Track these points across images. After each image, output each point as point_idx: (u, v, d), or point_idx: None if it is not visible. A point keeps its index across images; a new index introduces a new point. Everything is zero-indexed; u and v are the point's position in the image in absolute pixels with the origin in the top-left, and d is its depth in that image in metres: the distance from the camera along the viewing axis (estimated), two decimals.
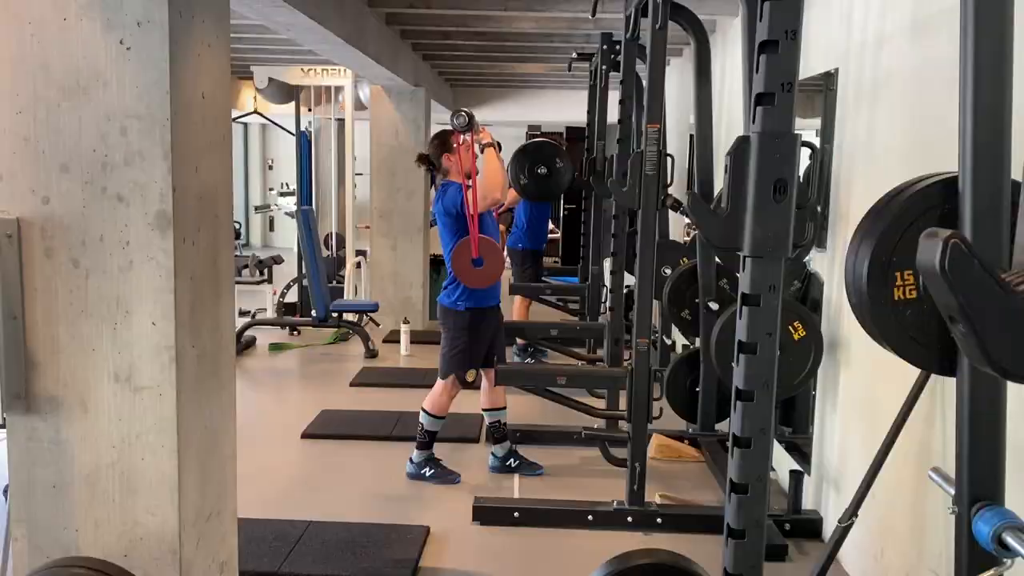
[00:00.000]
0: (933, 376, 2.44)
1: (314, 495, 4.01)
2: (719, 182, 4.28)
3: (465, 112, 3.88)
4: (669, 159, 3.48)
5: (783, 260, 1.75)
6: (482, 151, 4.01)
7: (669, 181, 3.52)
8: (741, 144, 1.72)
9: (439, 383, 4.13)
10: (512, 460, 4.33)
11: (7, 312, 2.32)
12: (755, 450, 1.78)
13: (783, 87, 1.69)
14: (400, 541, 3.47)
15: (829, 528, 3.53)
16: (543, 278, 7.11)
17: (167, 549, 2.44)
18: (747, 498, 1.80)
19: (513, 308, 6.77)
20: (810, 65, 3.85)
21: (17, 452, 2.44)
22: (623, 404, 4.19)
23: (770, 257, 1.73)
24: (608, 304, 4.63)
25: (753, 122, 1.72)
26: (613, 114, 5.01)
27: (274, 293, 8.11)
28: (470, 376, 4.09)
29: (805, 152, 2.47)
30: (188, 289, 2.43)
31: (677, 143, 6.97)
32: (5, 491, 3.85)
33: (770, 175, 1.69)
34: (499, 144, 4.11)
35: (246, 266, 8.52)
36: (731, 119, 5.40)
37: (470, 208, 3.85)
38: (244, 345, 7.06)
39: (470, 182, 3.88)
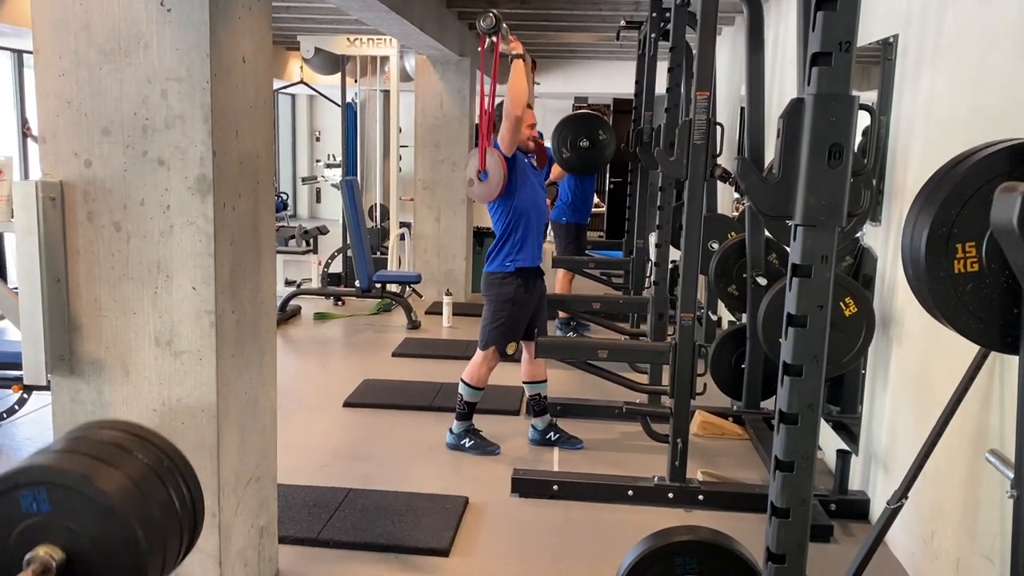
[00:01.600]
0: (992, 354, 2.33)
1: (354, 463, 4.02)
2: (769, 154, 4.16)
3: (493, 13, 3.70)
4: (718, 128, 3.37)
5: (836, 230, 1.67)
6: (511, 62, 3.90)
7: (718, 151, 3.41)
8: (795, 106, 1.63)
9: (479, 354, 4.11)
10: (552, 433, 4.30)
11: (51, 275, 2.33)
12: (802, 427, 1.71)
13: (841, 46, 1.59)
14: (439, 511, 3.46)
15: (876, 510, 3.44)
16: (587, 251, 7.04)
17: (207, 513, 2.45)
18: (793, 476, 1.74)
19: (556, 281, 6.72)
20: (867, 31, 3.70)
21: (61, 413, 2.47)
22: (666, 380, 4.13)
23: (823, 226, 1.65)
24: (652, 278, 4.55)
25: (808, 84, 1.63)
26: (661, 84, 4.90)
27: (319, 263, 8.16)
28: (510, 348, 4.06)
29: (862, 118, 2.36)
30: (228, 254, 2.43)
31: (726, 115, 6.81)
32: None
33: (825, 139, 1.61)
34: (533, 62, 4.02)
35: (292, 236, 8.57)
36: (782, 89, 5.24)
37: (486, 107, 3.76)
38: (289, 314, 7.12)
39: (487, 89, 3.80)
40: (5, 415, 4.34)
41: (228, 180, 2.41)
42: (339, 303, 7.75)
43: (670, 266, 4.65)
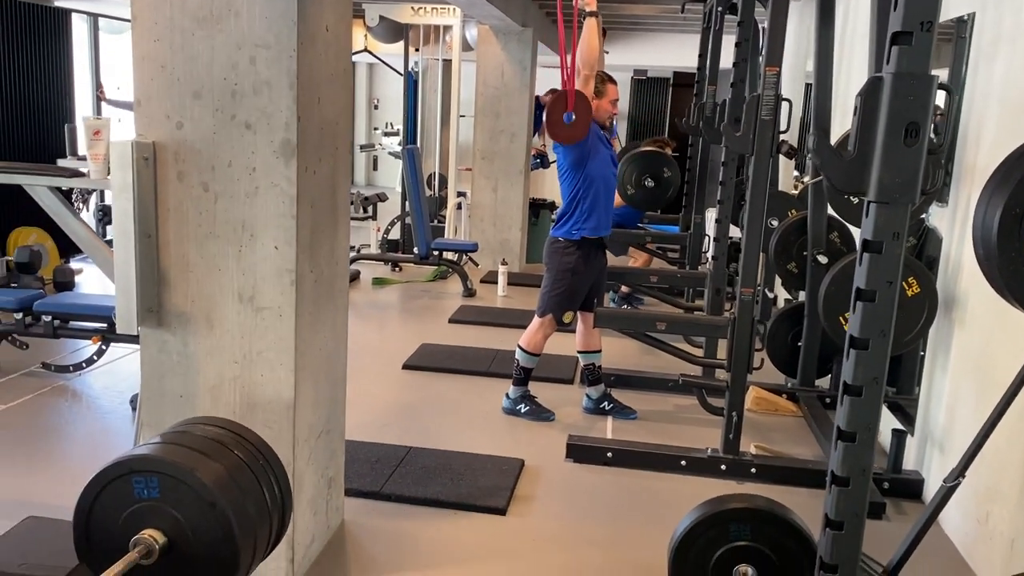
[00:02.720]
0: None
1: (413, 423, 4.15)
2: (835, 130, 4.13)
3: None
4: (786, 103, 3.37)
5: (909, 207, 1.70)
6: (583, 19, 3.91)
7: (784, 127, 3.41)
8: (874, 84, 1.66)
9: (536, 321, 4.19)
10: (606, 403, 4.37)
11: (143, 231, 2.46)
12: (866, 399, 1.76)
13: (922, 26, 1.62)
14: (496, 471, 3.57)
15: (930, 490, 3.45)
16: (641, 225, 7.05)
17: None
18: (854, 446, 1.78)
19: (633, 259, 6.80)
20: (943, 9, 3.63)
21: (149, 363, 2.62)
22: (721, 354, 4.17)
23: (896, 203, 1.68)
24: (711, 253, 4.57)
25: (887, 62, 1.66)
26: (726, 58, 4.87)
27: (378, 230, 8.30)
28: (567, 317, 4.12)
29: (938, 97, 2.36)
30: (309, 216, 2.53)
31: (791, 90, 6.72)
32: (132, 401, 4.15)
33: (902, 118, 1.63)
34: (604, 30, 3.99)
35: (352, 203, 8.74)
36: (850, 64, 5.17)
37: (566, 66, 3.78)
38: (349, 278, 7.28)
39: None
40: (84, 365, 4.56)
41: (310, 145, 2.50)
42: (396, 269, 7.90)
43: (728, 242, 4.66)
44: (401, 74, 8.58)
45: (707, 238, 6.23)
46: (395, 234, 8.38)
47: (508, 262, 7.48)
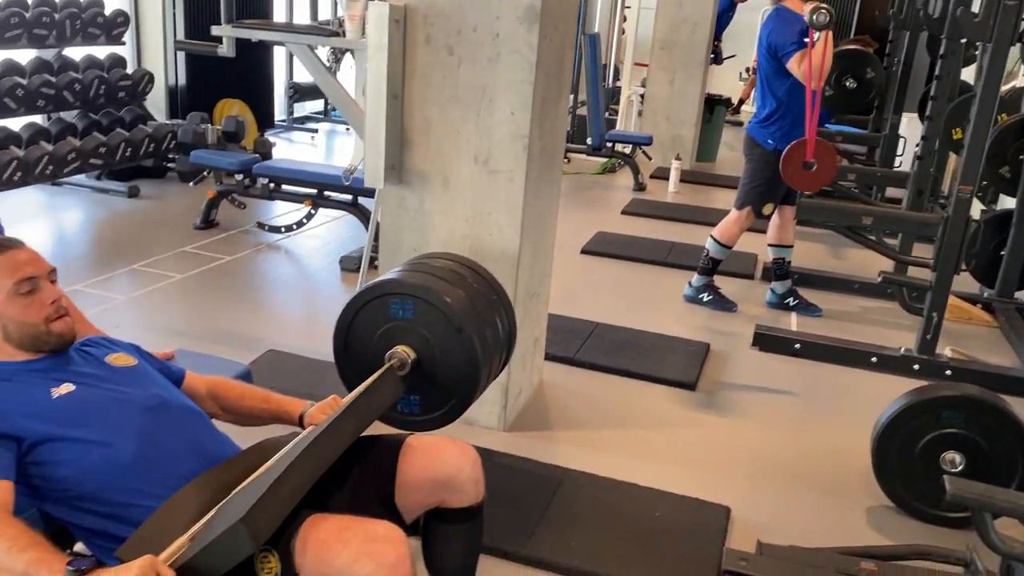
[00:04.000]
0: None
1: (597, 303, 4.29)
2: None
3: (826, 9, 3.51)
4: None
5: None
6: (819, 31, 3.69)
7: None
8: None
9: (733, 212, 4.18)
10: (791, 299, 4.36)
11: (391, 91, 2.64)
12: None
13: None
14: (682, 351, 3.68)
15: None
16: (828, 125, 6.77)
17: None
18: None
19: None
20: None
21: (388, 217, 2.84)
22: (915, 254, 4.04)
23: None
24: (917, 152, 4.37)
25: None
26: None
27: None
28: (766, 210, 4.09)
29: None
30: (543, 84, 2.63)
31: None
32: (341, 262, 4.49)
33: None
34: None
35: None
36: None
37: (809, 88, 3.62)
38: None
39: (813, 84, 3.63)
40: (295, 226, 4.93)
41: (550, 13, 2.57)
42: (565, 160, 7.96)
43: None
44: None
45: (901, 139, 5.93)
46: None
47: (681, 158, 7.38)
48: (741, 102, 10.86)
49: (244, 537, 1.26)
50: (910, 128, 6.14)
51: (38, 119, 5.37)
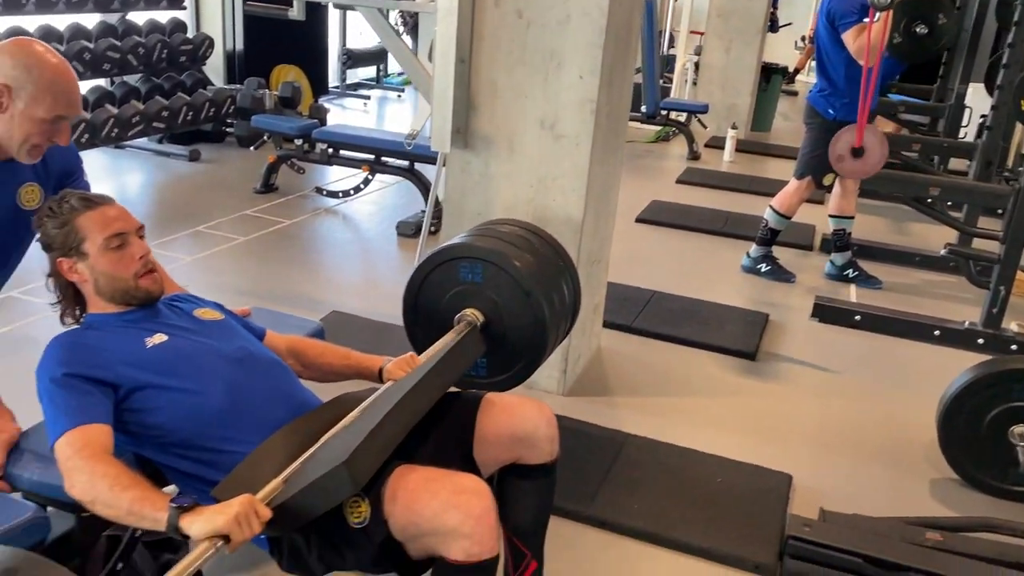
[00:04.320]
0: None
1: (653, 271, 4.27)
2: None
3: None
4: None
5: None
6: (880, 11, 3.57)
7: None
8: None
9: (793, 182, 4.13)
10: (850, 270, 4.30)
11: (459, 55, 2.64)
12: None
13: None
14: (741, 321, 3.67)
15: None
16: (889, 96, 6.61)
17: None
18: None
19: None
20: None
21: (452, 181, 2.86)
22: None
23: None
24: (986, 123, 4.26)
25: None
26: None
27: None
28: (827, 180, 4.03)
29: None
30: (612, 48, 2.61)
31: None
32: (398, 227, 4.53)
33: None
34: None
35: None
36: None
37: (865, 66, 3.51)
38: None
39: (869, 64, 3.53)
40: (352, 191, 4.99)
41: None
42: None
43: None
44: None
45: (967, 109, 5.77)
46: None
47: (737, 127, 7.28)
48: (796, 71, 10.63)
49: (345, 479, 1.32)
50: (974, 99, 5.97)
51: (103, 83, 5.49)
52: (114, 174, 5.38)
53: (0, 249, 1.94)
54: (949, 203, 4.69)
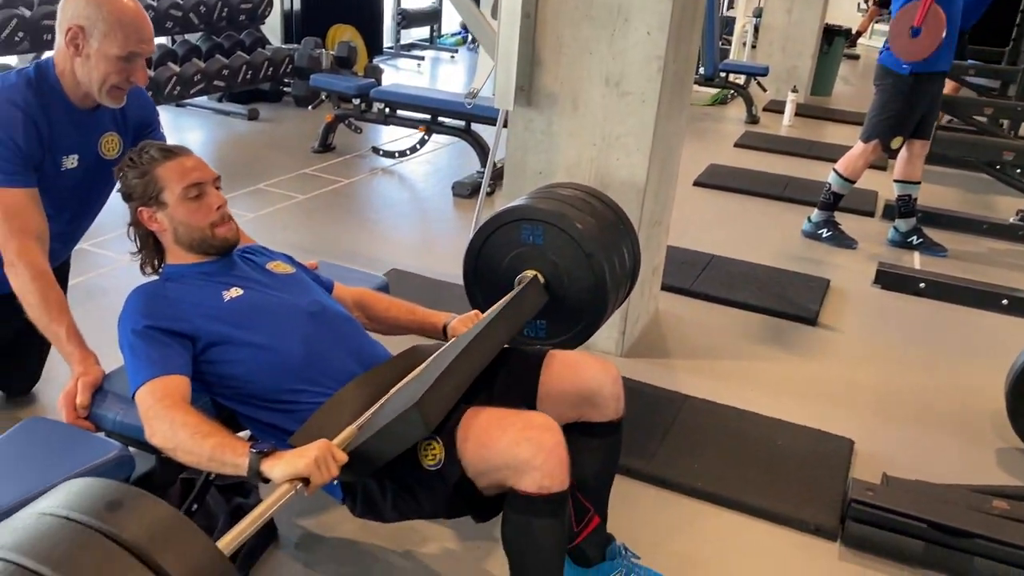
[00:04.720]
0: None
1: (712, 235, 4.22)
2: None
3: None
4: None
5: None
6: None
7: None
8: None
9: (859, 145, 4.03)
10: (915, 237, 4.20)
11: (524, 10, 2.61)
12: None
13: None
14: (802, 286, 3.61)
15: None
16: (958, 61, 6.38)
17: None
18: None
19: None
20: None
21: (515, 139, 2.85)
22: None
23: None
24: None
25: None
26: None
27: None
28: (895, 143, 3.92)
29: None
30: (680, 4, 2.56)
31: None
32: (454, 187, 4.54)
33: None
34: None
35: None
36: None
37: None
38: None
39: None
40: (409, 151, 5.01)
41: None
42: None
43: None
44: None
45: None
46: None
47: (798, 90, 7.12)
48: (859, 34, 10.30)
49: (418, 421, 1.34)
50: None
51: (165, 41, 5.56)
52: (176, 132, 5.47)
53: (84, 198, 1.99)
54: (1019, 170, 4.54)
